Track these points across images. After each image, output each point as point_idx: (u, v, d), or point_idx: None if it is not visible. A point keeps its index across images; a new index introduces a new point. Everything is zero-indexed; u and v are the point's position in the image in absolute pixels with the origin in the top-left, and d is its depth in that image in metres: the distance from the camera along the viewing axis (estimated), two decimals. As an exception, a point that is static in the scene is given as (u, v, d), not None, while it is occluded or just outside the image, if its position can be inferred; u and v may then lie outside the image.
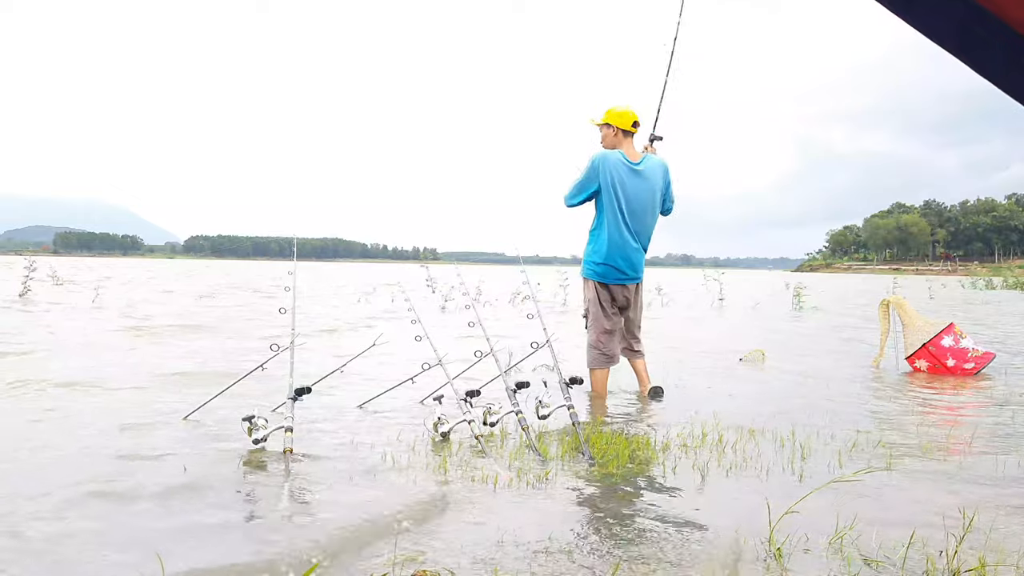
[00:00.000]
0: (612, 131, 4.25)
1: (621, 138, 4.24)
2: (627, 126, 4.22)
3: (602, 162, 4.14)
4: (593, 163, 4.16)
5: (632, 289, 4.33)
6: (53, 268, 19.73)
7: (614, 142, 4.25)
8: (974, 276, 50.27)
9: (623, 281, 4.25)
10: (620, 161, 4.15)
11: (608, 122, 4.25)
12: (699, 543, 2.04)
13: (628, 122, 4.22)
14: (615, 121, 4.22)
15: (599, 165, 4.14)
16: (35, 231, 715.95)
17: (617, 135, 4.24)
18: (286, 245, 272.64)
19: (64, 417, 3.44)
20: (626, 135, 4.24)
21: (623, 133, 4.23)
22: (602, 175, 4.13)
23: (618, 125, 4.22)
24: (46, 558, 1.86)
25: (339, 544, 1.97)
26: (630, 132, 4.25)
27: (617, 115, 4.22)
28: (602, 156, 4.16)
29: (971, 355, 5.51)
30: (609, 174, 4.12)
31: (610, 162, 4.14)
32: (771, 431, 3.42)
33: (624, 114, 4.22)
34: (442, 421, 3.15)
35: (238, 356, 5.72)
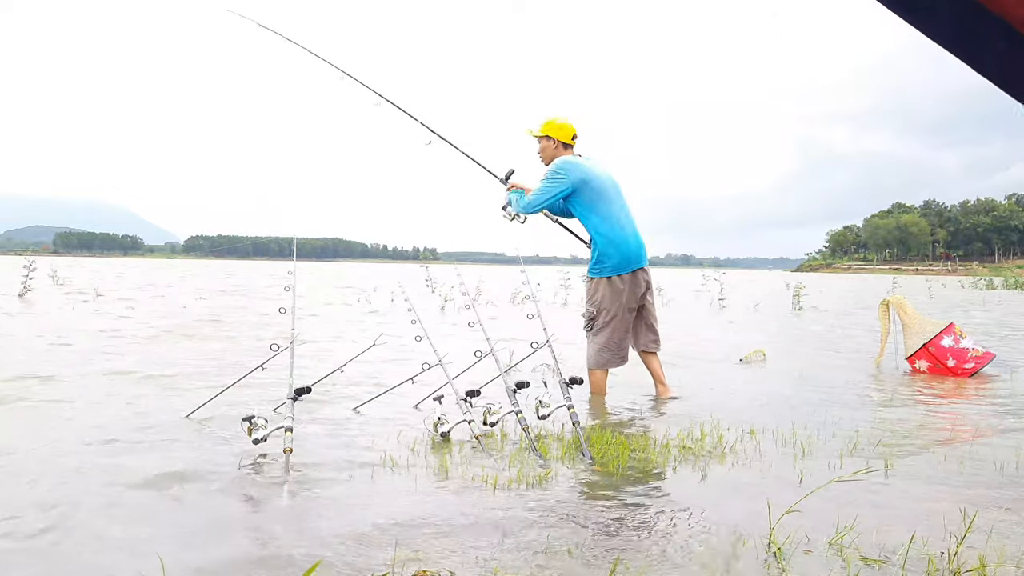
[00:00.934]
0: (552, 143, 4.28)
1: (561, 150, 4.27)
2: (567, 139, 4.26)
3: (567, 163, 4.16)
4: (559, 167, 4.16)
5: (648, 271, 4.31)
6: (54, 268, 19.73)
7: (554, 154, 4.27)
8: (974, 276, 50.28)
9: (640, 264, 4.23)
10: (578, 159, 4.21)
11: (548, 134, 4.28)
12: (699, 543, 2.03)
13: (569, 135, 4.26)
14: (556, 134, 4.25)
15: (566, 167, 4.15)
16: (35, 231, 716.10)
17: (557, 147, 4.27)
18: (286, 245, 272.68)
19: (64, 416, 3.44)
20: (566, 148, 4.28)
21: (563, 146, 4.28)
22: (573, 174, 4.13)
23: (559, 138, 4.26)
24: (44, 557, 1.86)
25: (339, 544, 1.97)
26: (570, 145, 4.29)
27: (558, 127, 4.26)
28: (564, 160, 4.19)
29: (971, 355, 5.51)
30: (579, 171, 4.14)
31: (572, 162, 4.17)
32: (771, 431, 3.42)
33: (564, 127, 4.26)
34: (442, 421, 3.15)
35: (238, 356, 5.72)
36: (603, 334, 4.21)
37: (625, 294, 4.19)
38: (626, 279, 4.20)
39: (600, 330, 4.22)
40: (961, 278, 53.91)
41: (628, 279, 4.20)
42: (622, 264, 4.18)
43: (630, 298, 4.21)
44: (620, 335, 4.22)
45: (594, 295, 4.27)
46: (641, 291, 4.26)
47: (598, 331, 4.23)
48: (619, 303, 4.19)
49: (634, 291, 4.22)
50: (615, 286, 4.19)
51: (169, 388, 4.27)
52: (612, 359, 4.22)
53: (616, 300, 4.19)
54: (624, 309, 4.20)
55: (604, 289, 4.21)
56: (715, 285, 16.28)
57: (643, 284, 4.27)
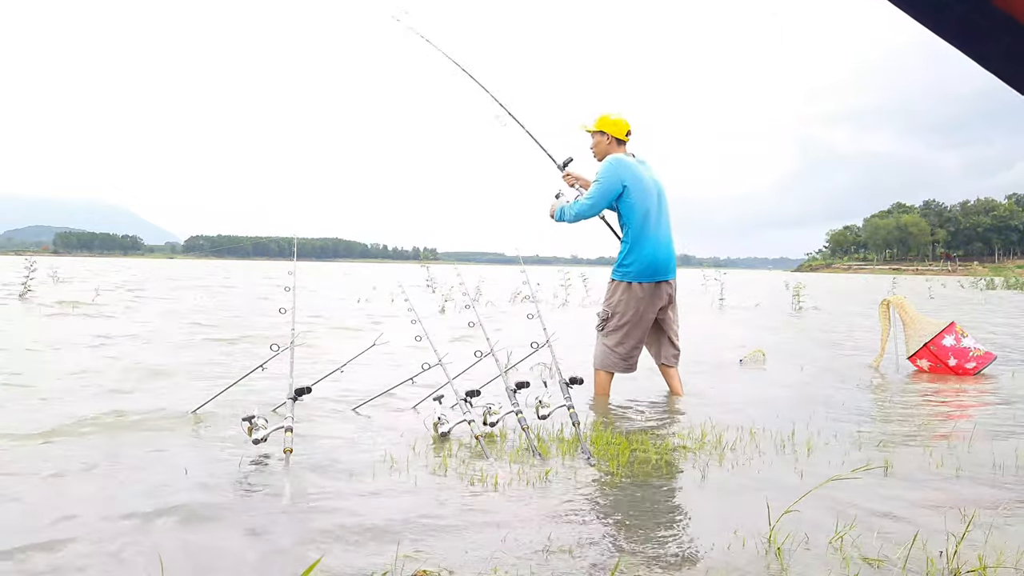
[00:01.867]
0: (606, 139, 4.21)
1: (615, 147, 4.21)
2: (621, 135, 4.20)
3: (620, 162, 4.08)
4: (611, 166, 4.08)
5: (673, 284, 4.25)
6: (54, 268, 19.73)
7: (607, 150, 4.21)
8: (974, 276, 50.26)
9: (665, 276, 4.16)
10: (631, 160, 4.13)
11: (602, 129, 4.21)
12: (699, 542, 2.03)
13: (623, 131, 4.20)
14: (610, 129, 4.19)
15: (619, 167, 4.07)
16: (35, 231, 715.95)
17: (611, 143, 4.21)
18: (286, 245, 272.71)
19: (62, 415, 3.43)
20: (619, 144, 4.22)
21: (616, 142, 4.21)
22: (625, 174, 4.06)
23: (612, 133, 4.19)
24: (44, 555, 1.85)
25: (339, 543, 1.97)
26: (623, 141, 4.22)
27: (612, 123, 4.19)
28: (617, 159, 4.10)
29: (972, 354, 5.51)
30: (630, 172, 4.07)
31: (625, 162, 4.09)
32: (771, 431, 3.42)
33: (619, 123, 4.19)
34: (442, 421, 3.15)
35: (239, 356, 5.72)
36: (613, 337, 4.18)
37: (643, 303, 4.13)
38: (647, 288, 4.12)
39: (611, 332, 4.19)
40: (961, 278, 53.91)
41: (649, 289, 4.13)
42: (645, 273, 4.11)
43: (647, 308, 4.14)
44: (631, 343, 4.16)
45: (611, 296, 4.23)
46: (661, 304, 4.18)
47: (609, 333, 4.20)
48: (634, 311, 4.13)
49: (653, 302, 4.15)
50: (634, 293, 4.13)
51: (169, 387, 4.26)
52: (618, 363, 4.19)
53: (631, 307, 4.13)
54: (639, 318, 4.13)
55: (622, 293, 4.16)
56: (715, 285, 16.26)
57: (665, 297, 4.19)
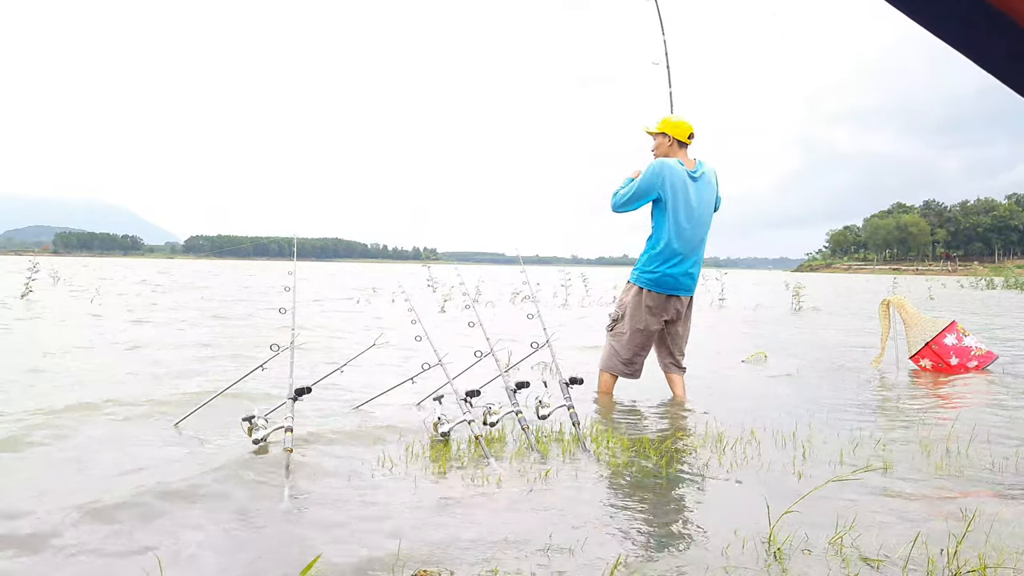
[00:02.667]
0: (667, 140, 4.13)
1: (676, 149, 4.13)
2: (683, 137, 4.11)
3: (664, 169, 4.02)
4: (654, 170, 4.03)
5: (685, 302, 4.19)
6: (54, 269, 19.73)
7: (668, 152, 4.14)
8: (974, 276, 50.25)
9: (678, 292, 4.11)
10: (680, 169, 4.04)
11: (664, 131, 4.14)
12: (699, 542, 2.03)
13: (685, 133, 4.11)
14: (671, 131, 4.11)
15: (662, 172, 4.01)
16: (35, 231, 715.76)
17: (672, 145, 4.13)
18: (286, 245, 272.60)
19: (64, 415, 3.43)
20: (681, 146, 4.14)
21: (678, 144, 4.13)
22: (665, 182, 4.01)
23: (674, 135, 4.11)
24: (43, 553, 1.85)
25: (339, 543, 1.97)
26: (685, 144, 4.14)
27: (673, 125, 4.12)
28: (663, 163, 4.04)
29: (974, 353, 5.51)
30: (671, 181, 4.00)
31: (672, 169, 4.02)
32: (771, 431, 3.42)
33: (680, 124, 4.12)
34: (442, 421, 3.15)
35: (239, 356, 5.72)
36: (618, 340, 4.18)
37: (650, 312, 4.10)
38: (656, 298, 4.10)
39: (618, 335, 4.19)
40: (961, 278, 53.89)
41: (659, 300, 4.10)
42: (657, 284, 4.08)
43: (653, 319, 4.11)
44: (634, 348, 4.15)
45: (623, 298, 4.23)
46: (667, 317, 4.15)
47: (616, 335, 4.20)
48: (640, 318, 4.11)
49: (660, 315, 4.12)
50: (643, 300, 4.11)
51: (168, 386, 4.26)
52: (620, 368, 4.19)
53: (638, 313, 4.12)
54: (643, 325, 4.11)
55: (632, 298, 4.16)
56: (715, 285, 16.25)
57: (672, 312, 4.14)
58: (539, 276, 18.56)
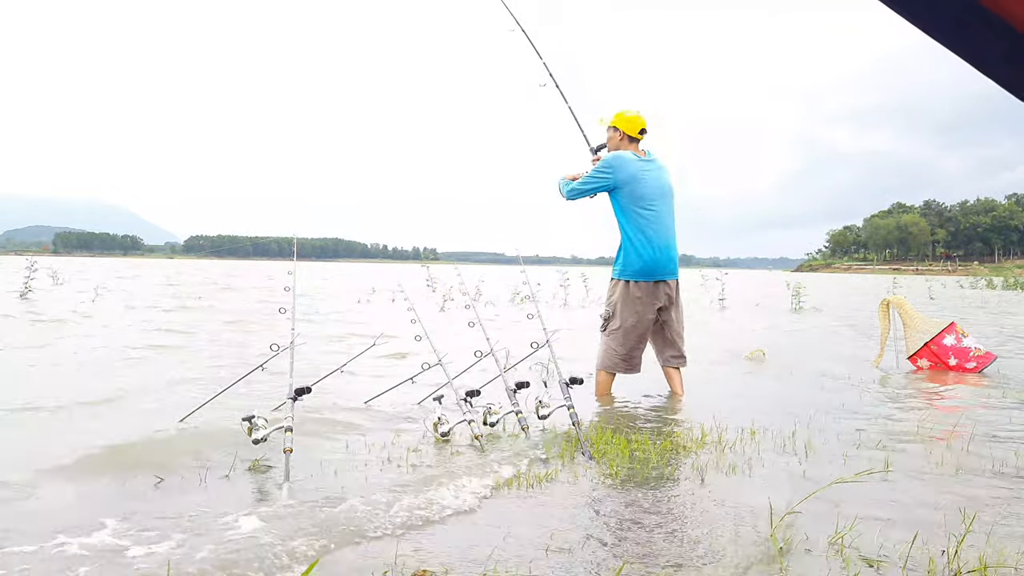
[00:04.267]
0: (619, 135, 4.22)
1: (626, 143, 4.21)
2: (634, 132, 4.19)
3: (617, 160, 4.11)
4: (608, 162, 4.12)
5: (673, 286, 4.23)
6: (54, 269, 19.71)
7: (619, 145, 4.23)
8: (974, 276, 50.24)
9: (663, 276, 4.15)
10: (633, 158, 4.13)
11: (615, 125, 4.22)
12: (699, 543, 2.03)
13: (636, 128, 4.19)
14: (623, 126, 4.20)
15: (615, 163, 4.10)
16: (35, 231, 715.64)
17: (623, 139, 4.21)
18: (286, 245, 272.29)
19: (62, 415, 3.44)
20: (631, 141, 4.21)
21: (628, 138, 4.21)
22: (619, 173, 4.08)
23: (625, 130, 4.20)
24: (43, 553, 1.86)
25: (339, 543, 1.97)
26: (636, 139, 4.22)
27: (626, 120, 4.19)
28: (616, 155, 4.14)
29: (973, 354, 5.51)
30: (628, 172, 4.09)
31: (626, 160, 4.11)
32: (771, 431, 3.42)
33: (633, 119, 4.19)
34: (442, 421, 3.15)
35: (238, 356, 5.72)
36: (613, 337, 4.18)
37: (640, 303, 4.13)
38: (644, 288, 4.13)
39: (612, 332, 4.19)
40: (961, 278, 53.86)
41: (647, 288, 4.13)
42: (642, 272, 4.11)
43: (645, 308, 4.14)
44: (631, 343, 4.16)
45: (611, 296, 4.24)
46: (659, 304, 4.17)
47: (610, 333, 4.20)
48: (633, 310, 4.13)
49: (652, 303, 4.15)
50: (631, 292, 4.13)
51: (168, 386, 4.27)
52: (619, 364, 4.19)
53: (630, 307, 4.13)
54: (637, 317, 4.13)
55: (620, 292, 4.18)
56: (715, 285, 16.24)
57: (663, 298, 4.17)
58: (539, 276, 18.56)
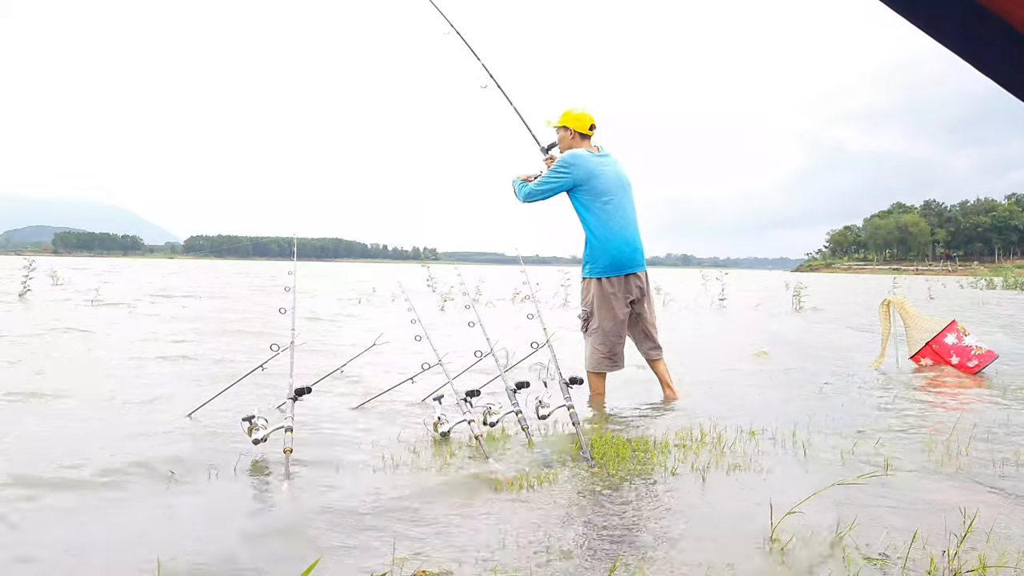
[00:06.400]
0: (569, 134, 4.24)
1: (578, 141, 4.23)
2: (584, 129, 4.22)
3: (574, 158, 4.12)
4: (565, 160, 4.13)
5: (643, 277, 4.23)
6: (53, 269, 19.71)
7: (571, 144, 4.24)
8: (974, 276, 50.22)
9: (632, 269, 4.16)
10: (589, 155, 4.15)
11: (565, 124, 4.23)
12: (699, 543, 2.03)
13: (585, 125, 4.22)
14: (572, 124, 4.22)
15: (573, 161, 4.11)
16: (35, 231, 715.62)
17: (575, 138, 4.23)
18: (286, 245, 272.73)
19: (65, 413, 3.44)
20: (583, 138, 4.24)
21: (580, 136, 4.23)
22: (578, 171, 4.09)
23: (575, 128, 4.21)
24: (44, 553, 1.85)
25: (339, 543, 1.97)
26: (587, 135, 4.24)
27: (574, 118, 4.22)
28: (572, 154, 4.14)
29: (974, 353, 5.51)
30: (587, 169, 4.10)
31: (581, 157, 4.12)
32: (771, 431, 3.42)
33: (581, 117, 4.22)
34: (442, 421, 3.15)
35: (239, 356, 5.72)
36: (595, 336, 4.19)
37: (615, 298, 4.14)
38: (615, 283, 4.14)
39: (593, 332, 4.19)
40: (961, 278, 53.88)
41: (618, 283, 4.14)
42: (611, 267, 4.12)
43: (620, 303, 4.15)
44: (612, 339, 4.16)
45: (586, 295, 4.25)
46: (631, 297, 4.19)
47: (591, 333, 4.21)
48: (608, 306, 4.14)
49: (625, 296, 4.16)
50: (604, 288, 4.14)
51: (168, 386, 4.27)
52: (604, 363, 4.19)
53: (605, 303, 4.14)
54: (614, 314, 4.14)
55: (594, 290, 4.19)
56: (715, 285, 16.23)
57: (635, 290, 4.19)
58: (539, 276, 18.56)
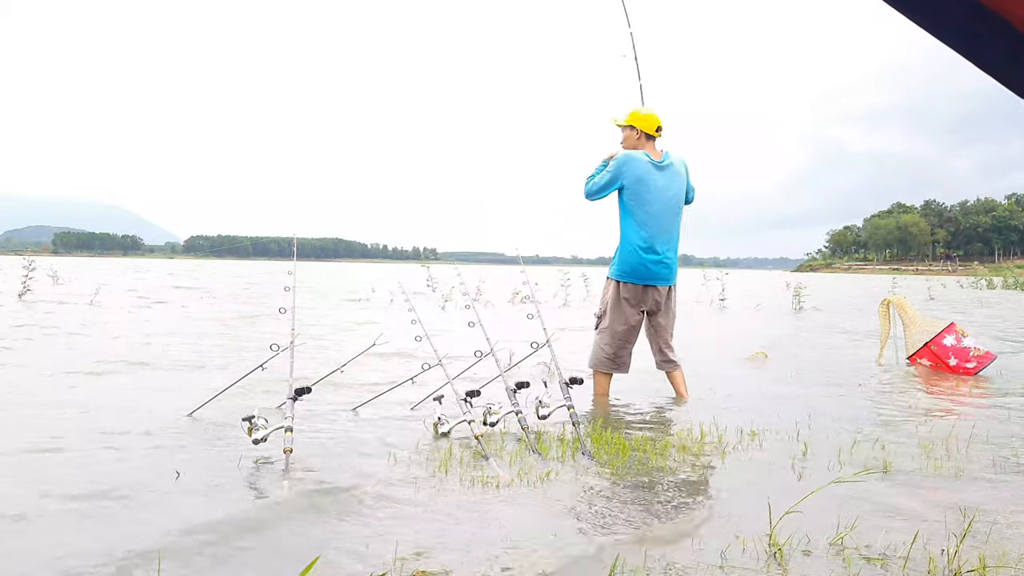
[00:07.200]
0: (635, 134, 4.18)
1: (644, 141, 4.18)
2: (651, 130, 4.16)
3: (628, 161, 4.09)
4: (618, 161, 4.11)
5: (663, 292, 4.20)
6: (54, 269, 19.70)
7: (636, 144, 4.19)
8: (974, 276, 50.22)
9: (654, 282, 4.14)
10: (645, 160, 4.10)
11: (631, 124, 4.19)
12: (699, 543, 2.03)
13: (652, 126, 4.16)
14: (639, 124, 4.16)
15: (625, 162, 4.09)
16: (35, 231, 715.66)
17: (640, 138, 4.18)
18: (286, 245, 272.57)
19: (68, 412, 3.43)
20: (648, 139, 4.18)
21: (646, 136, 4.18)
22: (627, 174, 4.07)
23: (642, 128, 4.16)
24: (44, 554, 1.85)
25: (339, 544, 1.97)
26: (653, 136, 4.19)
27: (641, 118, 4.16)
28: (627, 155, 4.11)
29: (973, 354, 5.51)
30: (635, 173, 4.07)
31: (636, 161, 4.09)
32: (771, 431, 3.42)
33: (648, 118, 4.16)
34: (442, 421, 3.15)
35: (239, 357, 5.72)
36: (603, 336, 4.20)
37: (628, 304, 4.14)
38: (632, 290, 4.13)
39: (602, 331, 4.21)
40: (961, 278, 53.88)
41: (635, 291, 4.14)
42: (631, 273, 4.12)
43: (631, 311, 4.15)
44: (618, 343, 4.16)
45: (604, 294, 4.27)
46: (645, 308, 4.18)
47: (601, 332, 4.22)
48: (620, 310, 4.15)
49: (638, 306, 4.16)
50: (620, 292, 4.15)
51: (169, 387, 4.27)
52: (607, 363, 4.20)
53: (617, 306, 4.15)
54: (624, 317, 4.14)
55: (612, 293, 4.20)
56: (716, 285, 16.24)
57: (651, 303, 4.18)
58: (539, 276, 18.55)
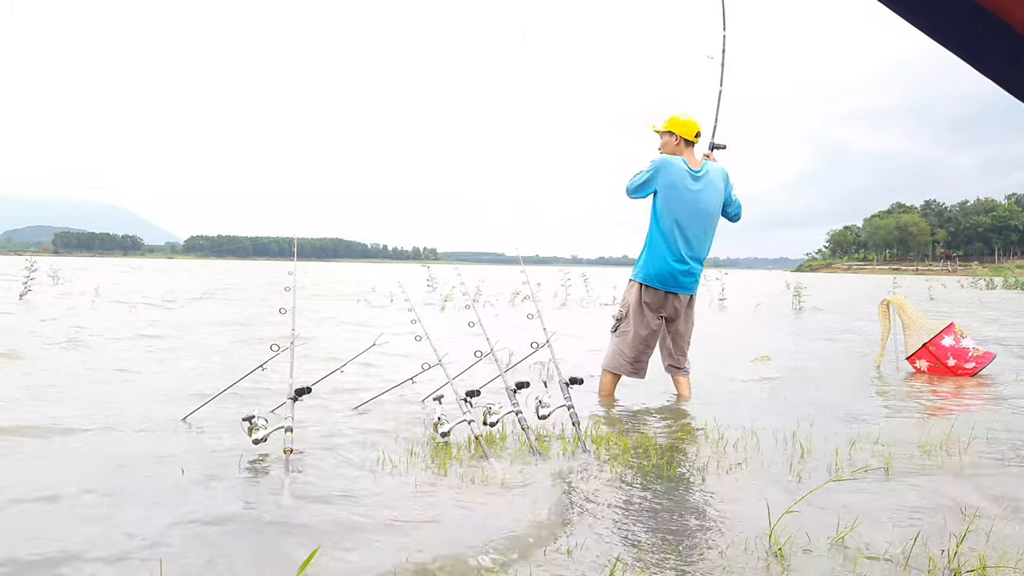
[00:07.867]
0: (674, 139, 4.16)
1: (683, 147, 4.16)
2: (690, 136, 4.13)
3: (664, 166, 4.07)
4: (655, 165, 4.10)
5: (684, 300, 4.21)
6: (54, 269, 19.70)
7: (675, 150, 4.17)
8: (974, 276, 50.21)
9: (675, 289, 4.14)
10: (681, 167, 4.08)
11: (671, 130, 4.16)
12: (700, 543, 2.03)
13: (691, 132, 4.13)
14: (678, 130, 4.14)
15: (660, 169, 4.08)
16: (35, 231, 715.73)
17: (679, 144, 4.15)
18: (286, 245, 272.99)
19: (64, 414, 3.43)
20: (688, 144, 4.16)
21: (685, 142, 4.15)
22: (661, 179, 4.06)
23: (681, 134, 4.13)
24: (44, 555, 1.85)
25: (339, 544, 1.97)
26: (692, 142, 4.17)
27: (680, 124, 4.14)
28: (664, 160, 4.09)
29: (971, 355, 5.51)
30: (669, 179, 4.05)
31: (672, 167, 4.07)
32: (772, 431, 3.42)
33: (688, 123, 4.14)
34: (442, 421, 3.15)
35: (239, 357, 5.72)
36: (623, 339, 4.20)
37: (648, 308, 4.15)
38: (653, 295, 4.14)
39: (622, 334, 4.21)
40: (961, 278, 53.88)
41: (656, 296, 4.14)
42: (654, 278, 4.13)
43: (651, 316, 4.15)
44: (640, 346, 4.17)
45: (626, 297, 4.27)
46: (664, 314, 4.19)
47: (620, 334, 4.22)
48: (640, 314, 4.15)
49: (657, 311, 4.17)
50: (641, 296, 4.16)
51: (169, 387, 4.27)
52: (625, 367, 4.20)
53: (638, 310, 4.16)
54: (646, 323, 4.15)
55: (633, 294, 4.20)
56: (715, 285, 16.23)
57: (670, 309, 4.18)
58: (539, 276, 18.55)
